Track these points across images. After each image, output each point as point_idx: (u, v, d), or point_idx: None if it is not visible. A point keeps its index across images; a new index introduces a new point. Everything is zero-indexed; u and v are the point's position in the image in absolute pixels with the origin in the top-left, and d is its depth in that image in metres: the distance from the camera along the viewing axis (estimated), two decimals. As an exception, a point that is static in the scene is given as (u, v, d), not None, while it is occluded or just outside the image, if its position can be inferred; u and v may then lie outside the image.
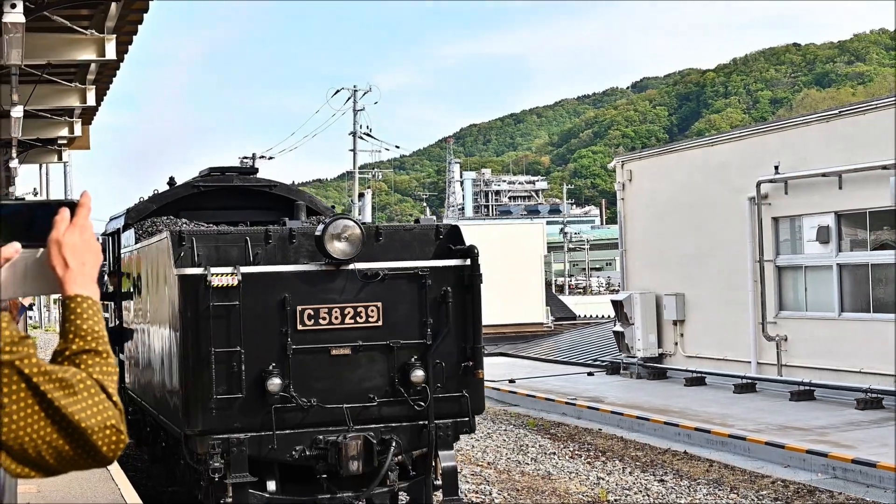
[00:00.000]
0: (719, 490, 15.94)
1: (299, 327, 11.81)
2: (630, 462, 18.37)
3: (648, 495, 15.78)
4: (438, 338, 12.13)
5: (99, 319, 2.28)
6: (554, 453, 19.34)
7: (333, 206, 17.40)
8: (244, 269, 11.64)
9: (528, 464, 18.44)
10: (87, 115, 24.92)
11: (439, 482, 12.24)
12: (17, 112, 18.99)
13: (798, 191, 25.30)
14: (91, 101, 21.37)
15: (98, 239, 2.58)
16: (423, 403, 12.01)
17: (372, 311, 12.04)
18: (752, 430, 19.58)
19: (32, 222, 2.35)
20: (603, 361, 32.79)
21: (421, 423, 12.09)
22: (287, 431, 11.72)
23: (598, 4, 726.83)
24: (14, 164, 25.83)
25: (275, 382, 11.58)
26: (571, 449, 19.80)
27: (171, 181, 16.40)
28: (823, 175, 24.15)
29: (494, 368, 33.74)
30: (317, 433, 11.75)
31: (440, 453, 12.17)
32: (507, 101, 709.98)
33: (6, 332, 2.00)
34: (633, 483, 16.59)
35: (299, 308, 11.80)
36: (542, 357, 37.32)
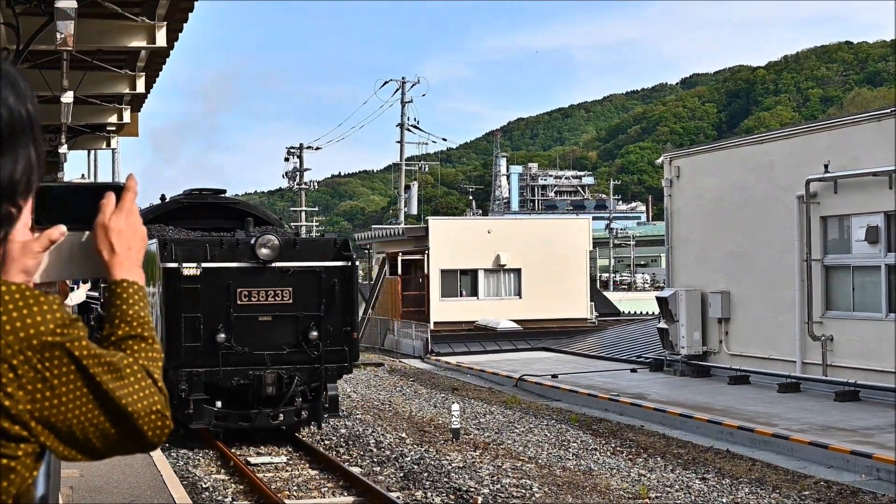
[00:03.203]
0: (761, 489, 15.84)
1: (238, 302, 18.24)
2: (672, 459, 18.29)
3: (690, 493, 15.70)
4: (328, 311, 18.57)
5: (144, 305, 2.26)
6: (595, 449, 19.29)
7: (281, 218, 24.54)
8: (205, 265, 17.99)
9: (569, 459, 18.40)
10: (137, 102, 25.04)
11: (328, 405, 18.71)
12: (67, 98, 19.10)
13: (847, 190, 25.08)
14: (140, 88, 21.47)
15: None
16: (317, 353, 18.47)
17: (286, 293, 18.46)
18: (796, 430, 19.45)
19: (78, 205, 2.33)
20: (646, 358, 32.68)
21: (315, 365, 18.51)
22: (229, 368, 18.11)
23: (648, 3, 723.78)
24: (63, 149, 26.01)
25: (222, 336, 18.02)
26: (613, 445, 19.74)
27: (163, 197, 21.87)
28: (873, 174, 23.94)
29: (537, 363, 33.74)
30: (248, 370, 18.14)
31: (328, 386, 18.68)
32: (555, 95, 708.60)
33: (57, 314, 1.99)
34: (675, 481, 16.52)
35: (239, 290, 18.24)
36: (586, 353, 37.23)
